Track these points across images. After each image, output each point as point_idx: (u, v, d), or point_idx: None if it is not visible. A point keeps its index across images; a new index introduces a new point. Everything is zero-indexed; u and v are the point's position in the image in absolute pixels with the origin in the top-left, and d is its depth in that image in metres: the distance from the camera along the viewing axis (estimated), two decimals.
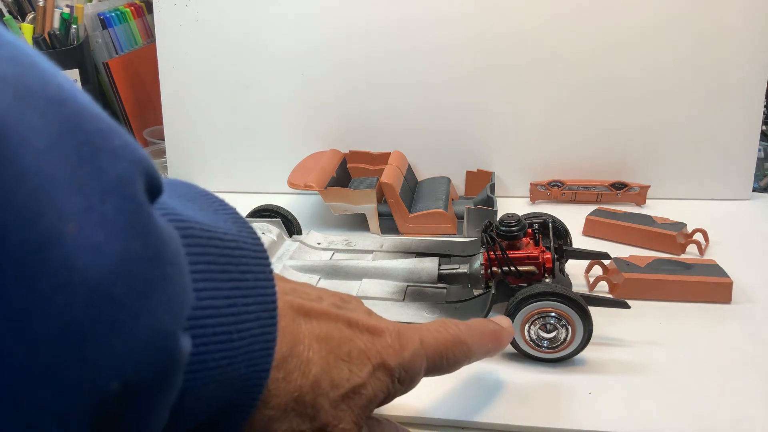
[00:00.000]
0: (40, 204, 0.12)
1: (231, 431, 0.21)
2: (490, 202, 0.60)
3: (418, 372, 0.27)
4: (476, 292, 0.46)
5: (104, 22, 0.80)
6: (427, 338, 0.28)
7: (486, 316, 0.42)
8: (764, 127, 0.68)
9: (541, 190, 0.67)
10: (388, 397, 0.26)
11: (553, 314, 0.39)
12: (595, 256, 0.48)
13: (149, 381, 0.15)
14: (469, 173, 0.69)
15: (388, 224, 0.62)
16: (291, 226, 0.56)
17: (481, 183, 0.68)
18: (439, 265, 0.47)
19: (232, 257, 0.20)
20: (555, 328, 0.39)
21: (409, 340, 0.27)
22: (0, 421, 0.12)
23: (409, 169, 0.68)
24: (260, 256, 0.21)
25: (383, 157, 0.68)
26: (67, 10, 0.77)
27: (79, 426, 0.14)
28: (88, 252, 0.13)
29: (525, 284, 0.42)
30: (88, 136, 0.14)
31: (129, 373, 0.14)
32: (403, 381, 0.27)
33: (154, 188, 0.16)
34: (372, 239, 0.55)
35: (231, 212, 0.22)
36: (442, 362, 0.29)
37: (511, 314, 0.40)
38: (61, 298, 0.13)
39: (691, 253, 0.55)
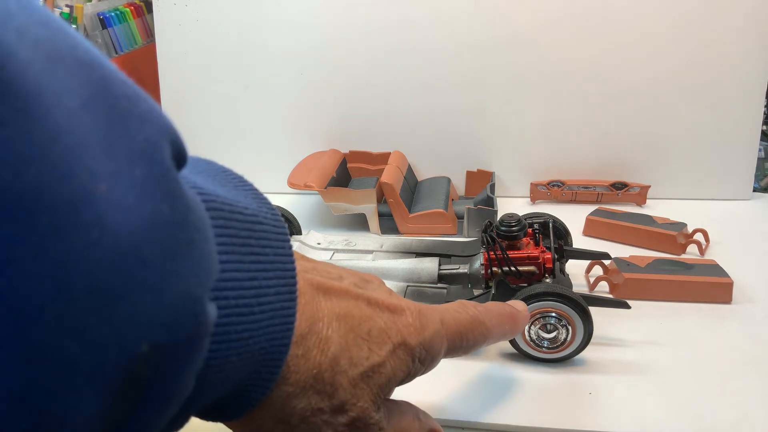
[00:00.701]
0: (72, 163, 0.13)
1: (250, 406, 0.21)
2: (490, 202, 0.60)
3: (438, 352, 0.27)
4: (476, 292, 0.46)
5: (104, 21, 0.80)
6: (447, 318, 0.28)
7: None
8: (764, 127, 0.68)
9: (542, 190, 0.67)
10: (408, 377, 0.26)
11: (554, 314, 0.39)
12: (596, 256, 0.48)
13: (178, 345, 0.15)
14: (469, 173, 0.69)
15: (388, 224, 0.61)
16: (291, 226, 0.56)
17: (482, 183, 0.67)
18: (439, 265, 0.47)
19: (253, 231, 0.20)
20: (555, 329, 0.39)
21: (430, 320, 0.27)
22: (34, 376, 0.12)
23: (409, 169, 0.68)
24: (280, 231, 0.22)
25: (383, 157, 0.68)
26: (66, 10, 0.76)
27: (110, 387, 0.14)
28: (119, 213, 0.13)
29: (525, 284, 0.42)
30: (116, 99, 0.15)
31: (158, 335, 0.14)
32: (423, 360, 0.27)
33: (180, 156, 0.17)
34: (372, 239, 0.54)
35: (251, 188, 0.22)
36: (461, 343, 0.29)
37: None
38: (92, 256, 0.13)
39: (691, 253, 0.55)
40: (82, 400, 0.13)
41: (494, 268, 0.44)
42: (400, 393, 0.34)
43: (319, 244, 0.54)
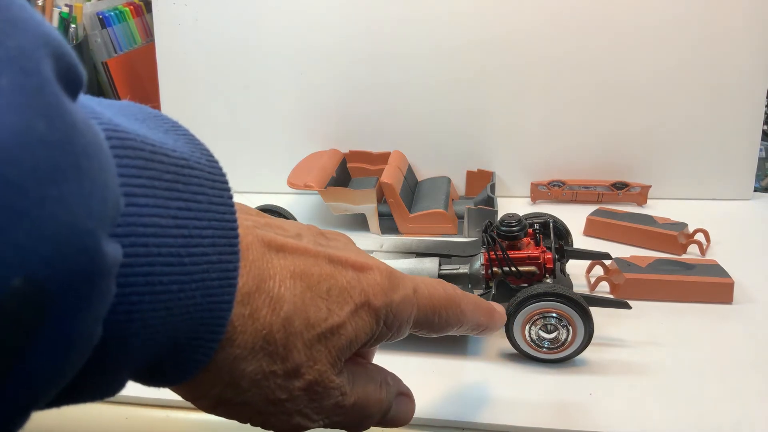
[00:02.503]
0: None
1: (194, 369, 0.20)
2: (490, 202, 0.60)
3: (406, 319, 0.26)
4: (477, 292, 0.45)
5: (103, 21, 0.80)
6: (421, 289, 0.27)
7: None
8: (765, 127, 0.68)
9: (542, 190, 0.67)
10: (372, 340, 0.25)
11: (554, 315, 0.39)
12: (596, 257, 0.48)
13: (65, 283, 0.13)
14: (469, 173, 0.69)
15: (388, 224, 0.61)
16: None
17: (482, 183, 0.67)
18: (440, 265, 0.47)
19: (180, 175, 0.18)
20: (556, 329, 0.39)
21: (401, 284, 0.25)
22: None
23: (409, 169, 0.68)
24: (217, 179, 0.20)
25: (383, 157, 0.68)
26: (65, 10, 0.76)
27: None
28: None
29: (526, 284, 0.42)
30: None
31: (35, 268, 0.13)
32: (390, 325, 0.25)
33: (70, 77, 0.14)
34: (372, 239, 0.54)
35: (184, 133, 0.20)
36: (433, 318, 0.27)
37: (512, 315, 0.39)
38: None
39: (692, 253, 0.55)
40: None
41: (494, 269, 0.44)
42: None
43: None
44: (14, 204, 0.12)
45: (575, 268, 0.51)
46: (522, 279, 0.43)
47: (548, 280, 0.43)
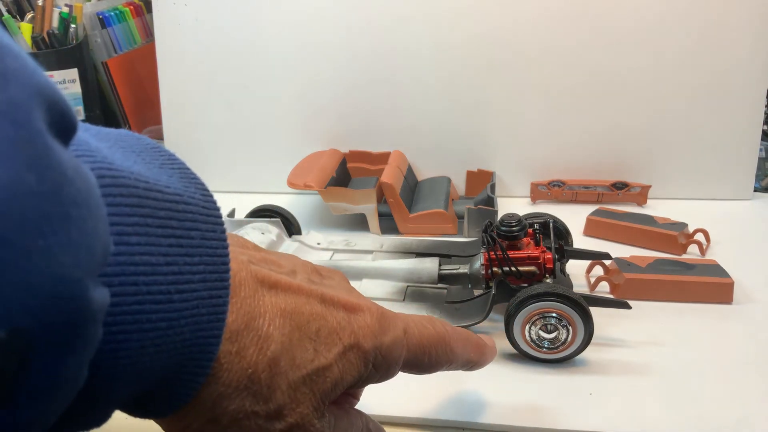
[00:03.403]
0: None
1: (179, 403, 0.20)
2: (490, 202, 0.60)
3: (396, 361, 0.25)
4: (477, 292, 0.45)
5: (103, 21, 0.80)
6: (412, 329, 0.26)
7: (486, 316, 0.42)
8: (765, 127, 0.68)
9: (542, 190, 0.67)
10: (359, 382, 0.24)
11: (554, 315, 0.39)
12: (596, 257, 0.48)
13: (50, 332, 0.13)
14: (469, 173, 0.69)
15: (388, 224, 0.61)
16: (290, 226, 0.56)
17: (482, 183, 0.67)
18: (440, 265, 0.47)
19: (174, 211, 0.18)
20: (556, 329, 0.39)
21: (392, 325, 0.25)
22: None
23: (409, 169, 0.68)
24: (210, 213, 0.20)
25: (383, 157, 0.68)
26: (66, 10, 0.76)
27: None
28: None
29: (526, 284, 0.42)
30: None
31: (19, 319, 0.13)
32: (378, 367, 0.24)
33: (63, 124, 0.15)
34: (372, 239, 0.54)
35: (180, 166, 0.20)
36: (422, 359, 0.27)
37: (512, 314, 0.39)
38: None
39: (692, 253, 0.55)
40: None
41: (494, 268, 0.44)
42: (394, 391, 0.34)
43: (318, 244, 0.54)
44: (0, 257, 0.12)
45: (575, 268, 0.51)
46: (522, 279, 0.43)
47: (548, 280, 0.43)
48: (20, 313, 0.13)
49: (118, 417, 0.19)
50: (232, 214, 0.58)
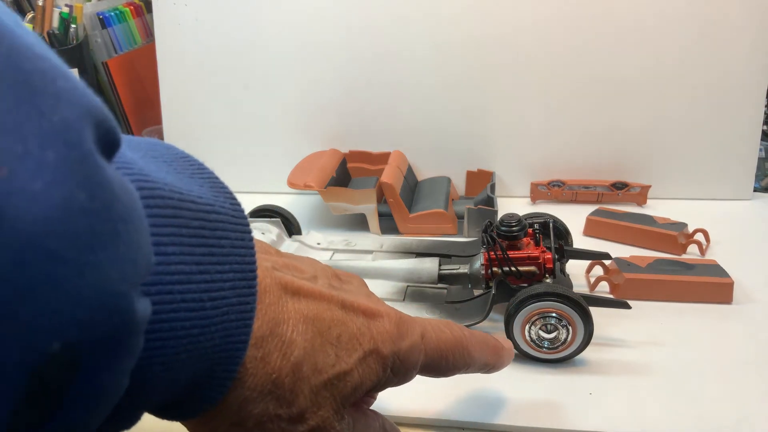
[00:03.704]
0: None
1: (207, 405, 0.20)
2: (490, 202, 0.60)
3: (414, 366, 0.26)
4: (476, 292, 0.45)
5: (103, 21, 0.80)
6: (429, 333, 0.27)
7: (486, 316, 0.42)
8: (765, 127, 0.68)
9: (542, 190, 0.67)
10: (378, 386, 0.25)
11: (554, 315, 0.39)
12: (596, 257, 0.48)
13: (98, 343, 0.14)
14: (469, 173, 0.69)
15: (388, 224, 0.61)
16: (291, 226, 0.56)
17: (482, 183, 0.67)
18: (440, 265, 0.47)
19: (206, 221, 0.19)
20: (556, 329, 0.39)
21: (410, 330, 0.26)
22: None
23: (409, 169, 0.68)
24: (239, 222, 0.20)
25: (383, 157, 0.68)
26: (66, 10, 0.76)
27: (14, 389, 0.13)
28: (21, 200, 0.12)
29: (525, 284, 0.42)
30: (27, 75, 0.13)
31: (71, 333, 0.13)
32: (396, 372, 0.25)
33: (108, 141, 0.15)
34: (372, 239, 0.54)
35: (209, 176, 0.21)
36: (440, 363, 0.27)
37: (512, 314, 0.39)
38: None
39: (692, 253, 0.55)
40: None
41: (494, 268, 0.44)
42: (394, 391, 0.34)
43: (318, 244, 0.54)
44: (56, 274, 0.13)
45: (575, 268, 0.51)
46: (522, 279, 0.43)
47: (548, 280, 0.43)
48: (73, 327, 0.13)
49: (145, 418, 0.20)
50: None
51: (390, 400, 0.36)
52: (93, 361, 0.14)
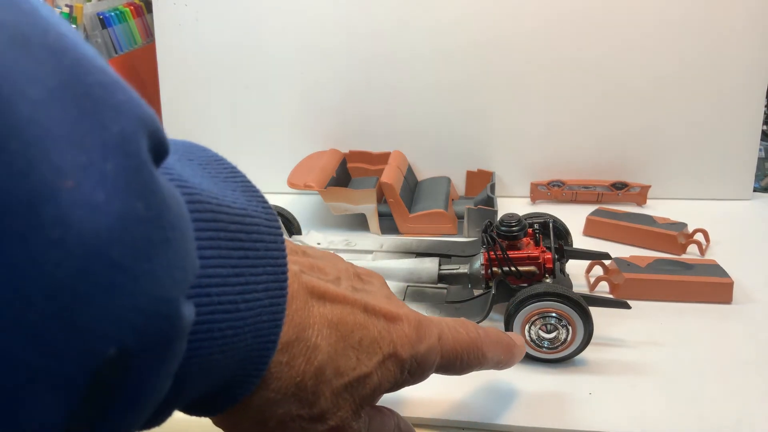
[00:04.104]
0: (34, 157, 0.12)
1: (233, 402, 0.21)
2: (490, 202, 0.60)
3: (430, 367, 0.27)
4: (476, 292, 0.45)
5: (103, 21, 0.80)
6: (446, 335, 0.28)
7: (486, 316, 0.42)
8: (765, 127, 0.68)
9: (542, 190, 0.67)
10: (394, 387, 0.26)
11: (554, 314, 0.39)
12: (596, 257, 0.48)
13: (149, 348, 0.15)
14: (469, 173, 0.69)
15: (388, 224, 0.61)
16: (291, 226, 0.56)
17: (482, 183, 0.67)
18: (440, 265, 0.47)
19: (242, 225, 0.19)
20: (555, 329, 0.39)
21: (427, 333, 0.26)
22: None
23: (409, 169, 0.68)
24: (272, 225, 0.21)
25: (383, 157, 0.68)
26: (66, 10, 0.76)
27: (73, 392, 0.13)
28: (86, 210, 0.13)
29: (525, 284, 0.42)
30: (88, 88, 0.14)
31: (127, 338, 0.14)
32: (413, 373, 0.26)
33: (159, 149, 0.16)
34: (372, 239, 0.54)
35: (242, 180, 0.21)
36: (455, 363, 0.28)
37: (512, 314, 0.39)
38: (52, 257, 0.12)
39: (691, 253, 0.55)
40: (42, 407, 0.13)
41: (494, 268, 0.44)
42: (400, 390, 0.34)
43: (319, 244, 0.54)
44: (115, 281, 0.13)
45: (575, 268, 0.51)
46: (522, 279, 0.43)
47: (548, 280, 0.43)
48: (128, 332, 0.14)
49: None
50: None
51: (390, 401, 0.36)
52: (144, 365, 0.15)
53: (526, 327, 0.39)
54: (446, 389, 0.38)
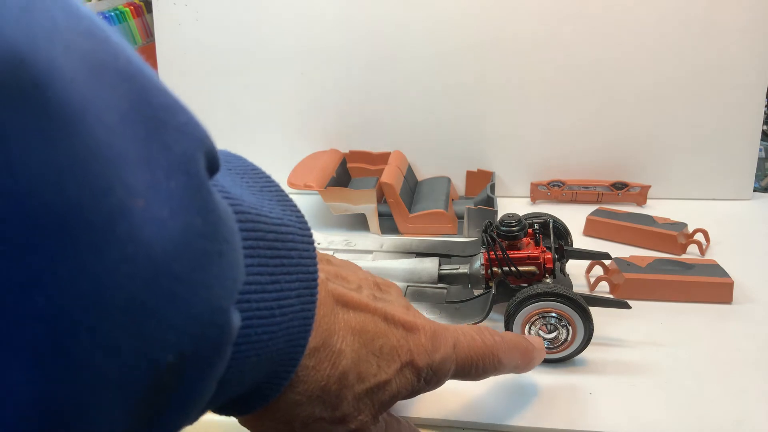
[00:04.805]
0: (110, 178, 0.13)
1: (263, 403, 0.22)
2: (490, 202, 0.60)
3: (445, 374, 0.28)
4: (476, 292, 0.45)
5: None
6: (461, 343, 0.29)
7: (486, 316, 0.42)
8: (765, 127, 0.68)
9: (542, 190, 0.67)
10: (411, 394, 0.27)
11: (554, 314, 0.39)
12: (596, 256, 0.48)
13: (202, 354, 0.15)
14: (469, 173, 0.69)
15: (388, 224, 0.61)
16: None
17: (482, 183, 0.67)
18: (440, 265, 0.47)
19: (279, 234, 0.20)
20: (556, 329, 0.39)
21: (443, 343, 0.27)
22: (64, 388, 0.12)
23: (409, 169, 0.68)
24: (305, 234, 0.22)
25: (383, 157, 0.68)
26: None
27: (134, 396, 0.14)
28: (154, 227, 0.13)
29: (525, 284, 0.42)
30: (155, 110, 0.15)
31: (184, 346, 0.15)
32: (429, 381, 0.27)
33: (213, 165, 0.17)
34: (372, 239, 0.54)
35: (276, 190, 0.22)
36: (470, 370, 0.29)
37: (512, 314, 0.39)
38: (126, 271, 0.13)
39: (691, 253, 0.55)
40: (107, 409, 0.13)
41: (494, 268, 0.44)
42: None
43: (319, 244, 0.54)
44: (177, 293, 0.14)
45: (575, 268, 0.51)
46: (522, 279, 0.43)
47: (548, 280, 0.43)
48: (186, 340, 0.15)
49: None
50: None
51: None
52: (197, 370, 0.15)
53: (526, 327, 0.39)
54: (447, 389, 0.38)
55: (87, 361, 0.13)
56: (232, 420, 0.24)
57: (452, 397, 0.38)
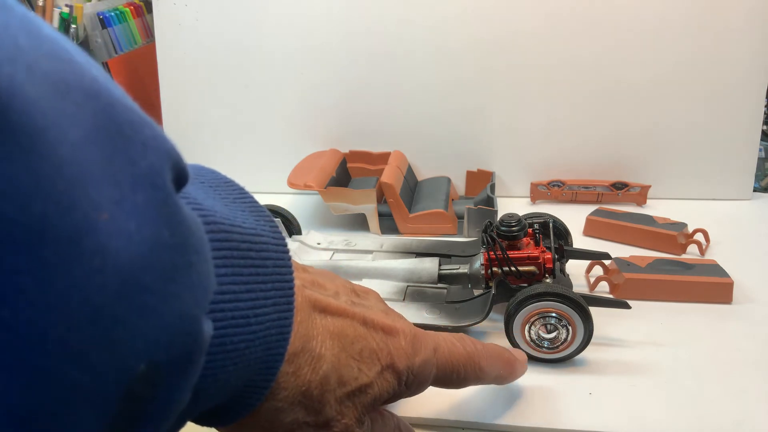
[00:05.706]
0: (76, 194, 0.13)
1: (244, 412, 0.22)
2: (490, 202, 0.60)
3: (426, 379, 0.28)
4: (476, 292, 0.45)
5: (103, 21, 0.80)
6: (442, 348, 0.29)
7: (486, 316, 0.42)
8: (765, 127, 0.68)
9: (542, 190, 0.67)
10: (392, 398, 0.27)
11: (554, 314, 0.39)
12: (596, 256, 0.48)
13: (174, 362, 0.16)
14: (469, 173, 0.69)
15: (388, 224, 0.61)
16: (291, 226, 0.56)
17: (482, 183, 0.67)
18: (439, 265, 0.47)
19: (252, 243, 0.21)
20: (555, 329, 0.39)
21: (423, 346, 0.28)
22: (35, 400, 0.13)
23: (409, 169, 0.68)
24: (279, 243, 0.22)
25: (383, 157, 0.68)
26: (66, 10, 0.76)
27: (107, 406, 0.14)
28: (120, 240, 0.14)
29: (525, 284, 0.42)
30: (120, 127, 0.15)
31: (155, 355, 0.15)
32: (410, 385, 0.27)
33: (181, 178, 0.17)
34: (372, 239, 0.54)
35: (250, 201, 0.22)
36: (451, 376, 0.29)
37: (512, 314, 0.39)
38: (94, 283, 0.13)
39: (691, 253, 0.55)
40: (81, 420, 0.14)
41: (494, 268, 0.44)
42: None
43: (319, 244, 0.54)
44: (146, 303, 0.14)
45: (575, 268, 0.51)
46: (522, 279, 0.43)
47: (548, 280, 0.43)
48: (155, 348, 0.15)
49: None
50: None
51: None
52: (169, 379, 0.16)
53: (526, 327, 0.39)
54: (446, 390, 0.38)
55: (58, 373, 0.13)
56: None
57: (452, 396, 0.38)
